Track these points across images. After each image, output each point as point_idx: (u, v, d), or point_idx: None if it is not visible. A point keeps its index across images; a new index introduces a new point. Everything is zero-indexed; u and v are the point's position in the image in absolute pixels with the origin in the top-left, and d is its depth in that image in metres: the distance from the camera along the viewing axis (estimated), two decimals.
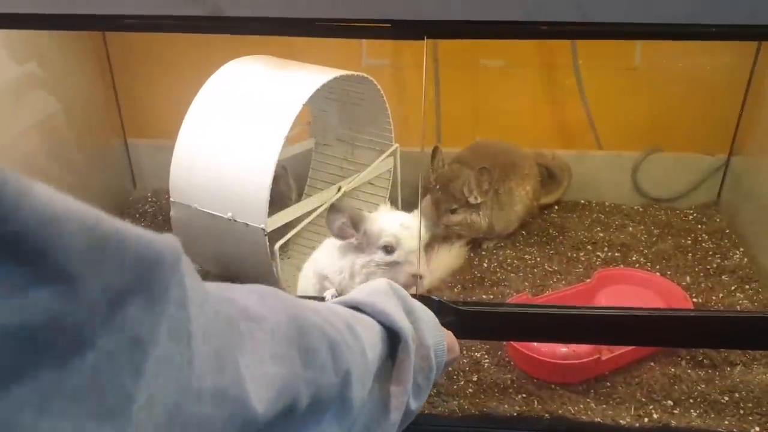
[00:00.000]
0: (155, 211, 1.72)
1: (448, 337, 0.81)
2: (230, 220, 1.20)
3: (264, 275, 1.28)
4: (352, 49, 1.69)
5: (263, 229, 1.18)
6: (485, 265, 1.55)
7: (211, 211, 1.22)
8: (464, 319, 0.98)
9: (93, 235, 0.31)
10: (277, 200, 1.43)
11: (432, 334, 0.70)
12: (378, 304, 0.63)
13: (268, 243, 1.20)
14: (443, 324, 0.94)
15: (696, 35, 0.82)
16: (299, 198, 1.58)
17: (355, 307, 0.63)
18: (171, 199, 1.27)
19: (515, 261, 1.56)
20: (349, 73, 1.34)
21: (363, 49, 1.69)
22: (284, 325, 0.49)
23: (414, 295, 0.95)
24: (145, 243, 0.34)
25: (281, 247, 1.29)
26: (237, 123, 1.23)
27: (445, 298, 1.01)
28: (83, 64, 1.64)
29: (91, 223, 0.31)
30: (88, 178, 1.62)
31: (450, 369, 1.27)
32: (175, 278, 0.36)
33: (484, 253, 1.59)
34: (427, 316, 0.72)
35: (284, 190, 1.49)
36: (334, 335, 0.53)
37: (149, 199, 1.77)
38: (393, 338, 0.64)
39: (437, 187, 1.53)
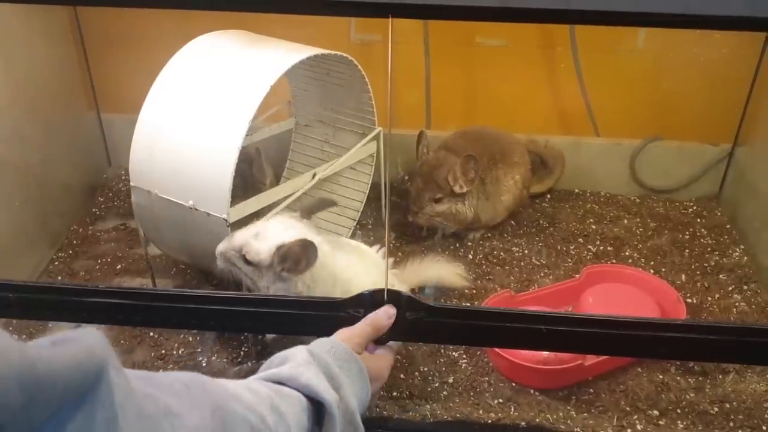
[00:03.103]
0: (129, 189, 1.64)
1: (373, 369, 0.82)
2: (191, 208, 1.12)
3: None
4: (340, 23, 1.60)
5: (225, 220, 1.10)
6: (470, 257, 1.47)
7: (171, 198, 1.14)
8: (435, 324, 0.91)
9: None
10: (249, 186, 1.36)
11: (356, 390, 0.74)
12: (302, 377, 0.66)
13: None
14: (414, 320, 0.89)
15: (699, 23, 0.73)
16: (276, 182, 1.50)
17: (280, 382, 0.66)
18: (131, 183, 1.20)
19: (501, 253, 1.48)
20: (327, 52, 1.25)
21: (351, 24, 1.60)
22: (208, 419, 0.51)
23: (381, 290, 0.89)
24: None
25: None
26: (201, 103, 1.14)
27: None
28: (52, 33, 1.55)
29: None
30: (60, 155, 1.54)
31: (425, 369, 1.20)
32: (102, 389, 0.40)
33: (469, 244, 1.51)
34: (349, 370, 0.75)
35: (257, 174, 1.41)
36: (258, 425, 0.55)
37: (123, 177, 1.69)
38: (318, 408, 0.66)
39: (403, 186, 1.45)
